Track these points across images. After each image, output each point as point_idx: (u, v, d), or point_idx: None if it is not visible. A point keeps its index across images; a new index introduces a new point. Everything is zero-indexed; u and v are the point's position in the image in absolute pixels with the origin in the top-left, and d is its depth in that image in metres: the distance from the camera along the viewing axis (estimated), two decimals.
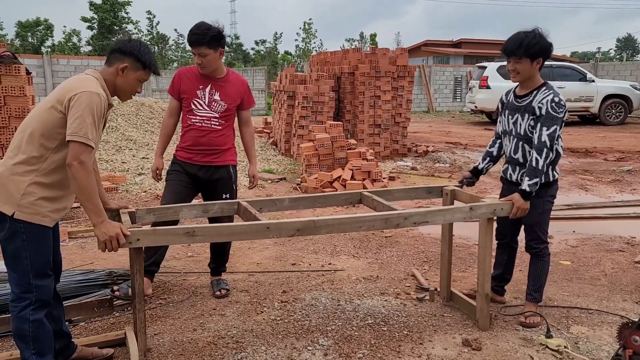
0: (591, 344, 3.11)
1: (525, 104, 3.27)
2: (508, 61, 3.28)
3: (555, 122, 3.16)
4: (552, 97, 3.17)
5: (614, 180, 8.19)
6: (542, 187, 3.29)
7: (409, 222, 3.00)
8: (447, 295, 3.70)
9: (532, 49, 3.16)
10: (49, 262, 2.52)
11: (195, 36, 3.49)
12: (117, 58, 2.61)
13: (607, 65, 22.83)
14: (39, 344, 2.47)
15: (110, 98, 2.58)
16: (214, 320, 3.44)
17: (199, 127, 3.70)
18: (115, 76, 2.60)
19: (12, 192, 2.38)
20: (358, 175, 7.64)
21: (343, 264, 4.58)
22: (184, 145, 3.76)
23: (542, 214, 3.39)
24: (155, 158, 3.89)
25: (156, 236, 2.62)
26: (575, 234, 5.45)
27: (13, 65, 5.64)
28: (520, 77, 3.27)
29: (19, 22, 41.26)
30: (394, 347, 3.10)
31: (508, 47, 3.23)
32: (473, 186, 3.79)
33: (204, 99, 3.70)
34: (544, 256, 3.45)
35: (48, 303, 2.54)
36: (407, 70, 10.35)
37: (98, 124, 2.43)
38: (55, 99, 2.42)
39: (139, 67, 2.63)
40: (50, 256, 2.52)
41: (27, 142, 2.41)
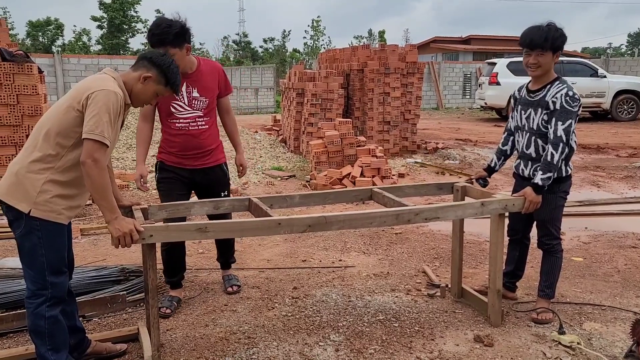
0: (604, 340, 3.09)
1: (539, 99, 3.25)
2: (528, 54, 3.21)
3: (570, 116, 3.14)
4: (566, 90, 3.15)
5: (626, 176, 8.13)
6: (555, 182, 3.27)
7: (420, 218, 3.00)
8: (458, 292, 3.69)
9: (557, 41, 3.15)
10: (64, 259, 2.54)
11: (157, 37, 3.22)
12: (144, 66, 2.63)
13: (619, 60, 22.62)
14: (54, 339, 2.50)
15: (127, 98, 2.59)
16: (225, 316, 3.46)
17: (186, 131, 3.49)
18: (136, 82, 2.61)
19: (28, 190, 2.41)
20: (367, 172, 7.63)
21: (353, 260, 4.58)
22: (172, 151, 3.54)
23: (555, 209, 3.37)
24: (138, 165, 3.61)
25: (169, 232, 2.64)
26: (588, 230, 5.42)
27: (26, 64, 5.68)
28: (540, 71, 3.22)
29: (29, 22, 41.54)
30: (406, 343, 3.10)
31: (534, 40, 3.16)
32: (487, 186, 3.77)
33: (183, 99, 3.46)
34: (557, 252, 3.43)
35: (63, 299, 2.56)
36: (416, 67, 10.31)
37: (114, 122, 2.44)
38: (73, 98, 2.44)
39: (162, 81, 2.65)
40: (65, 253, 2.55)
41: (44, 140, 2.44)
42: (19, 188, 2.42)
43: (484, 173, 3.69)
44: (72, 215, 2.58)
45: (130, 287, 3.68)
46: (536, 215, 3.40)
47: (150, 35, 3.25)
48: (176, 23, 3.27)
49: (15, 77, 5.63)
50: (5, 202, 2.43)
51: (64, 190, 2.47)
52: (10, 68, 5.61)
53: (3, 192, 2.45)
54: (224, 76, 3.68)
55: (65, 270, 2.55)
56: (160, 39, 3.21)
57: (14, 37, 38.08)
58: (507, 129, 3.66)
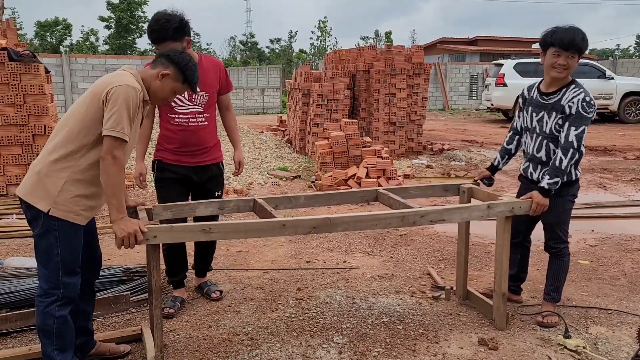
0: (610, 344, 3.06)
1: (553, 102, 3.20)
2: (558, 55, 3.11)
3: (585, 122, 3.10)
4: (583, 96, 3.11)
5: (634, 178, 8.08)
6: (564, 186, 3.24)
7: (426, 220, 2.98)
8: (463, 294, 3.67)
9: (586, 45, 3.14)
10: (79, 259, 2.54)
11: (156, 33, 3.17)
12: (162, 63, 2.64)
13: (627, 62, 22.52)
14: (61, 339, 2.50)
15: (146, 95, 2.60)
16: (229, 317, 3.45)
17: (185, 127, 3.45)
18: (154, 79, 2.61)
19: (49, 189, 2.41)
20: (373, 173, 7.62)
21: (358, 262, 4.56)
22: (170, 147, 3.49)
23: (563, 213, 3.34)
24: (137, 163, 3.55)
25: (173, 233, 2.63)
26: (594, 233, 5.38)
27: (32, 64, 5.70)
28: (566, 73, 3.17)
29: (38, 22, 41.81)
30: (410, 345, 3.08)
31: (574, 42, 3.07)
32: (492, 186, 3.75)
33: (186, 94, 3.41)
34: (564, 256, 3.40)
35: (74, 300, 2.56)
36: (422, 68, 10.29)
37: (133, 117, 2.45)
38: (93, 94, 2.45)
39: (180, 79, 2.65)
40: (79, 254, 2.55)
41: (65, 139, 2.44)
42: (39, 187, 2.43)
43: (487, 173, 3.67)
44: (90, 215, 2.58)
45: (135, 287, 3.68)
46: (544, 219, 3.38)
47: (150, 31, 3.20)
48: (175, 17, 3.20)
49: (22, 76, 5.65)
50: (26, 200, 2.44)
51: (85, 189, 2.47)
52: (17, 68, 5.62)
53: (25, 191, 2.46)
54: (225, 73, 3.64)
55: (79, 271, 2.55)
56: (159, 35, 3.17)
57: (23, 37, 38.35)
58: (512, 127, 3.63)
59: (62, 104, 17.22)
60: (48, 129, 5.82)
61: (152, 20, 3.24)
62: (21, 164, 5.71)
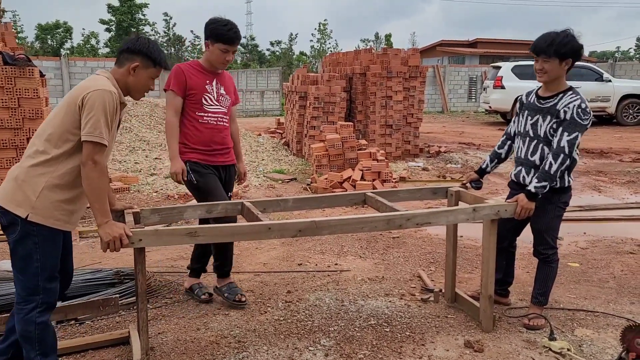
0: (595, 346, 3.08)
1: (549, 106, 3.21)
2: (536, 60, 3.21)
3: (578, 129, 3.10)
4: (579, 102, 3.12)
5: (629, 181, 8.09)
6: (555, 192, 3.25)
7: (412, 223, 3.00)
8: (451, 297, 3.69)
9: (563, 48, 3.10)
10: (58, 265, 2.55)
11: (236, 34, 3.50)
12: (127, 58, 2.62)
13: (625, 64, 22.51)
14: (43, 344, 2.51)
15: (122, 97, 2.61)
16: (217, 320, 3.47)
17: (214, 126, 3.60)
18: (127, 76, 2.61)
19: (27, 194, 2.42)
20: (368, 175, 7.63)
21: (349, 264, 4.58)
22: (198, 148, 3.58)
23: (553, 219, 3.34)
24: (175, 160, 3.52)
25: (158, 236, 2.65)
26: (586, 235, 5.39)
27: (27, 68, 5.73)
28: (547, 77, 3.20)
29: (38, 25, 41.94)
30: (396, 348, 3.10)
31: (538, 45, 3.16)
32: (480, 189, 3.76)
33: (213, 93, 3.60)
34: (552, 262, 3.40)
35: (54, 305, 2.58)
36: (419, 71, 10.31)
37: (111, 122, 2.46)
38: (70, 100, 2.46)
39: (150, 64, 2.64)
40: (58, 259, 2.56)
41: (44, 144, 2.45)
42: (17, 192, 2.43)
43: (475, 175, 3.69)
44: (70, 220, 2.56)
45: (125, 290, 3.69)
46: (533, 225, 3.38)
47: (232, 32, 3.47)
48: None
49: (16, 80, 5.68)
50: (3, 206, 2.44)
51: (64, 194, 2.48)
52: (11, 72, 5.65)
53: (2, 197, 2.46)
54: (235, 86, 3.88)
55: (58, 276, 2.56)
56: (238, 35, 3.53)
57: (23, 40, 38.46)
58: (506, 132, 3.64)
59: None
60: None
61: (227, 24, 3.50)
62: None
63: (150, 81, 2.69)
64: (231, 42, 3.50)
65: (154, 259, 4.72)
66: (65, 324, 3.37)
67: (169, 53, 43.91)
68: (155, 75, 2.71)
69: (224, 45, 3.48)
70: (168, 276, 4.22)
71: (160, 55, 2.67)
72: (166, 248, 4.98)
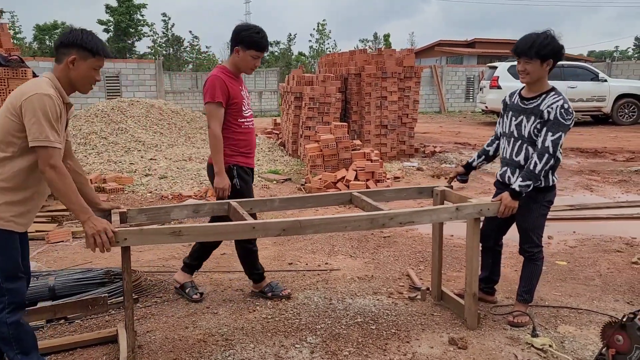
0: (577, 343, 3.12)
1: (533, 107, 3.26)
2: (518, 61, 3.26)
3: (562, 129, 3.15)
4: (562, 102, 3.16)
5: (621, 180, 8.13)
6: (540, 192, 3.30)
7: (395, 222, 3.04)
8: (437, 295, 3.73)
9: (544, 50, 3.15)
10: (18, 264, 2.54)
11: (267, 42, 3.63)
12: (63, 53, 2.55)
13: (621, 64, 22.56)
14: (22, 343, 2.52)
15: (65, 97, 2.57)
16: (206, 318, 3.51)
17: (251, 130, 3.78)
18: (68, 71, 2.55)
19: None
20: (362, 175, 7.68)
21: (340, 263, 4.62)
22: (243, 151, 3.70)
23: (538, 218, 3.38)
24: (223, 175, 3.56)
25: (143, 235, 2.69)
26: (576, 234, 5.43)
27: (20, 69, 5.77)
28: (529, 78, 3.25)
29: (37, 26, 41.97)
30: (381, 345, 3.14)
31: (519, 47, 3.22)
32: (466, 183, 3.79)
33: (246, 98, 3.76)
34: (537, 260, 3.45)
35: (23, 304, 2.57)
36: (413, 71, 10.36)
37: (56, 124, 2.44)
38: (9, 106, 2.43)
39: (88, 55, 2.55)
40: (19, 259, 2.54)
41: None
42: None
43: (462, 170, 3.73)
44: (24, 222, 2.55)
45: (114, 289, 3.73)
46: (519, 223, 3.43)
47: (264, 40, 3.60)
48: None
49: (9, 81, 5.72)
50: None
51: (13, 196, 2.46)
52: (4, 73, 5.70)
53: None
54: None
55: (22, 276, 2.56)
56: (268, 42, 3.66)
57: (22, 41, 38.49)
58: (495, 132, 3.69)
59: None
60: None
61: (261, 31, 3.59)
62: None
63: (93, 72, 2.61)
64: (263, 49, 3.61)
65: (145, 258, 4.76)
66: (55, 323, 3.41)
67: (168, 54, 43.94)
68: (98, 65, 2.60)
69: (257, 52, 3.58)
70: (159, 275, 4.27)
71: (96, 44, 2.56)
72: (158, 248, 5.03)
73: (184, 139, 10.84)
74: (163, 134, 10.65)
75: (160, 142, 10.15)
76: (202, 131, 11.55)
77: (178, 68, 41.65)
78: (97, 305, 3.47)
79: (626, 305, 3.66)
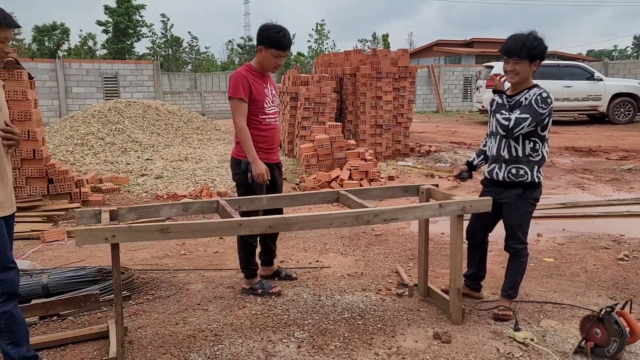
0: (558, 337, 3.19)
1: (514, 102, 3.34)
2: (507, 61, 3.34)
3: (531, 112, 3.18)
4: (540, 92, 3.25)
5: (613, 179, 8.20)
6: (525, 189, 3.36)
7: (379, 219, 3.10)
8: (424, 291, 3.79)
9: (534, 50, 3.23)
10: (7, 255, 2.57)
11: (289, 40, 3.73)
12: None
13: (618, 63, 22.66)
14: (12, 334, 2.58)
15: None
16: (196, 315, 3.58)
17: (274, 126, 3.88)
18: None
19: None
20: (356, 175, 7.74)
21: (330, 261, 4.69)
22: (262, 146, 3.81)
23: (524, 215, 3.44)
24: (258, 162, 3.71)
25: (132, 233, 2.75)
26: (565, 232, 5.50)
27: (16, 70, 5.84)
28: (518, 78, 3.32)
29: (36, 27, 42.03)
30: (367, 339, 3.20)
31: (510, 48, 3.29)
32: (471, 178, 3.83)
33: (270, 96, 3.85)
34: (522, 256, 3.51)
35: (15, 294, 2.62)
36: (408, 71, 10.43)
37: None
38: None
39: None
40: (7, 249, 2.58)
41: None
42: None
43: (465, 167, 3.79)
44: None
45: (107, 287, 3.79)
46: (505, 220, 3.49)
47: (286, 40, 3.70)
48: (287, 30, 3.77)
49: (5, 83, 5.78)
50: None
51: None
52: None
53: None
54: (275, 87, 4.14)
55: (12, 266, 2.59)
56: (290, 43, 3.75)
57: (21, 42, 38.57)
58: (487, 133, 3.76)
59: (57, 109, 17.40)
60: (31, 134, 5.96)
61: (281, 30, 3.68)
62: None
63: (3, 44, 2.58)
64: (284, 48, 3.70)
65: (140, 257, 4.82)
66: (48, 319, 3.48)
67: (167, 54, 44.02)
68: (5, 38, 2.56)
69: (277, 51, 3.69)
70: (152, 274, 4.33)
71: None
72: (153, 247, 5.10)
73: (180, 139, 10.91)
74: (160, 134, 10.72)
75: (157, 143, 10.21)
76: (198, 131, 11.62)
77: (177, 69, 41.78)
78: (89, 302, 3.53)
79: (609, 300, 3.72)
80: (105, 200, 6.79)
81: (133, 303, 3.76)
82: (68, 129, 10.28)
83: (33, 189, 6.12)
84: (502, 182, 3.43)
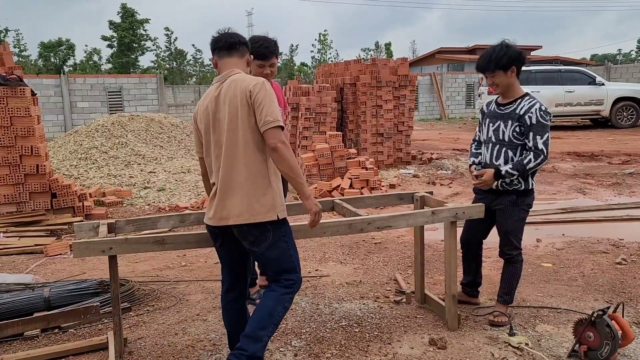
0: (553, 341, 3.20)
1: (509, 111, 3.38)
2: (485, 77, 3.43)
3: (547, 130, 3.30)
4: (539, 105, 3.30)
5: (614, 183, 8.19)
6: (519, 195, 3.40)
7: (372, 226, 3.14)
8: (421, 298, 3.82)
9: (501, 60, 3.30)
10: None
11: (268, 49, 3.71)
12: None
13: (621, 67, 22.63)
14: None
15: None
16: (195, 325, 3.62)
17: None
18: None
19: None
20: (357, 183, 7.79)
21: (329, 270, 4.72)
22: None
23: (518, 221, 3.48)
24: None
25: (128, 245, 2.81)
26: (564, 237, 5.51)
27: (18, 88, 5.94)
28: (500, 89, 3.41)
29: (41, 43, 42.48)
30: (363, 347, 3.23)
31: (480, 65, 3.41)
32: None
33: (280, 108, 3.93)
34: (517, 262, 3.54)
35: None
36: (408, 79, 10.49)
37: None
38: None
39: None
40: None
41: None
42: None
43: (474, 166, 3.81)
44: None
45: (107, 299, 3.84)
46: (499, 227, 3.53)
47: (263, 48, 3.69)
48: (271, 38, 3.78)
49: (8, 100, 5.89)
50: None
51: None
52: (3, 92, 5.86)
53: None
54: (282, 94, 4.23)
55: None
56: (271, 50, 3.73)
57: (27, 59, 38.98)
58: (474, 139, 3.80)
59: (62, 124, 17.56)
60: (35, 150, 6.05)
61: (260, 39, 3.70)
62: (9, 184, 5.93)
63: None
64: (263, 57, 3.71)
65: (141, 269, 4.87)
66: (49, 332, 3.53)
67: (171, 67, 44.33)
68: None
69: (259, 61, 3.72)
70: (152, 285, 4.38)
71: None
72: (154, 259, 5.15)
73: (183, 152, 11.00)
74: (163, 147, 10.81)
75: (160, 155, 10.30)
76: None
77: (181, 81, 42.02)
78: (90, 314, 3.58)
79: (605, 304, 3.73)
80: (108, 214, 6.86)
81: (133, 314, 3.81)
82: (72, 143, 10.39)
83: (37, 204, 6.19)
84: (496, 190, 3.46)
